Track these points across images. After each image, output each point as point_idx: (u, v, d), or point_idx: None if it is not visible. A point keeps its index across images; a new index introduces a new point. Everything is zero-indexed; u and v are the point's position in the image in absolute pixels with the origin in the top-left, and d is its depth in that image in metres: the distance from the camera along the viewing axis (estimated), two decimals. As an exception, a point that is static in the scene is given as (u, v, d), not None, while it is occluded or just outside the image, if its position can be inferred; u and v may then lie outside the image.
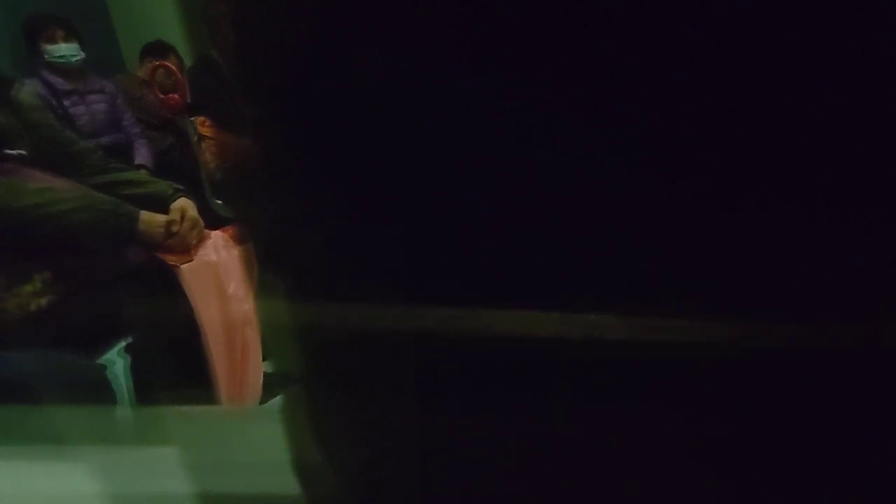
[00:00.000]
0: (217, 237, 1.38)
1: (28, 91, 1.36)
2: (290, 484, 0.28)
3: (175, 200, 1.33)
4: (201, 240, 1.35)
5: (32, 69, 2.39)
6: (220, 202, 1.95)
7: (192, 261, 1.30)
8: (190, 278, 1.28)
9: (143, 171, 2.24)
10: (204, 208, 1.39)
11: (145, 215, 1.26)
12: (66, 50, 2.38)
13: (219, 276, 1.32)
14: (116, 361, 1.39)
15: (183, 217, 1.30)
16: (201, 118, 2.19)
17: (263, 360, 1.32)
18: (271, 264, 0.27)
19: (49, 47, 2.36)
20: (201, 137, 2.31)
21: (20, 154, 1.21)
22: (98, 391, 1.08)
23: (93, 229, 1.19)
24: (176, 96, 2.71)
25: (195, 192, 1.42)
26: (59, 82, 2.41)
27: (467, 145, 0.19)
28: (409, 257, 0.21)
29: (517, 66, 0.17)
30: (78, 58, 2.42)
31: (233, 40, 0.23)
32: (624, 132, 0.17)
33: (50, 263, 1.17)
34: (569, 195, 0.18)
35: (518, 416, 0.21)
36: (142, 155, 2.55)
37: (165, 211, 1.31)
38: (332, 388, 0.25)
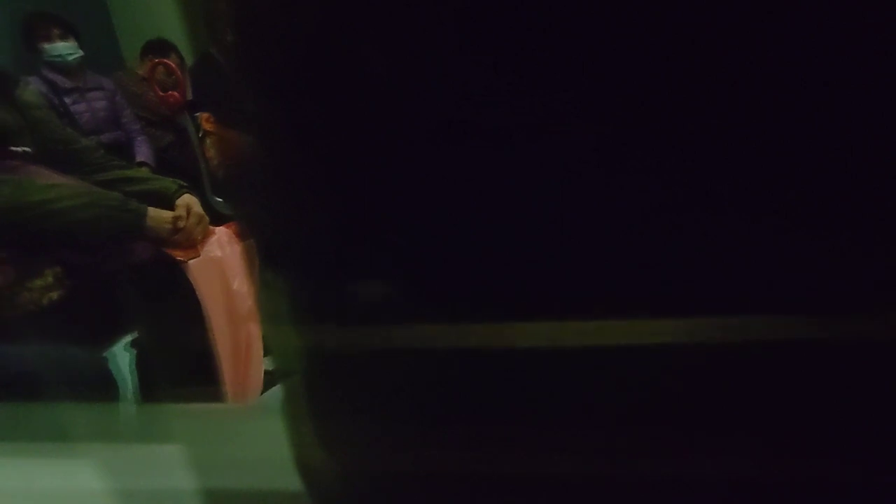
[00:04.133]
0: (221, 233, 1.39)
1: (32, 90, 1.37)
2: (292, 481, 0.28)
3: (180, 197, 1.34)
4: (206, 235, 1.36)
5: (33, 67, 2.38)
6: (220, 200, 1.96)
7: (198, 256, 1.31)
8: (197, 274, 1.29)
9: (144, 169, 2.24)
10: (205, 205, 1.39)
11: (152, 211, 1.26)
12: (62, 49, 2.35)
13: (224, 271, 1.33)
14: (122, 356, 1.40)
15: (189, 213, 1.31)
16: (206, 115, 2.19)
17: (264, 356, 1.33)
18: (271, 262, 0.27)
19: (46, 46, 2.33)
20: (205, 134, 2.32)
21: (25, 151, 1.22)
22: (101, 385, 1.09)
23: (101, 225, 1.19)
24: (175, 94, 2.72)
25: (195, 190, 1.43)
26: (60, 80, 2.40)
27: (470, 143, 0.19)
28: (410, 255, 0.21)
29: (521, 63, 0.17)
30: (75, 56, 2.39)
31: (232, 39, 0.23)
32: (631, 134, 0.17)
33: (60, 258, 1.18)
34: (574, 198, 0.18)
35: (519, 414, 0.21)
36: (142, 152, 2.55)
37: (170, 207, 1.31)
38: (333, 386, 0.26)
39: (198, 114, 2.54)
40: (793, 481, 0.19)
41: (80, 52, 2.41)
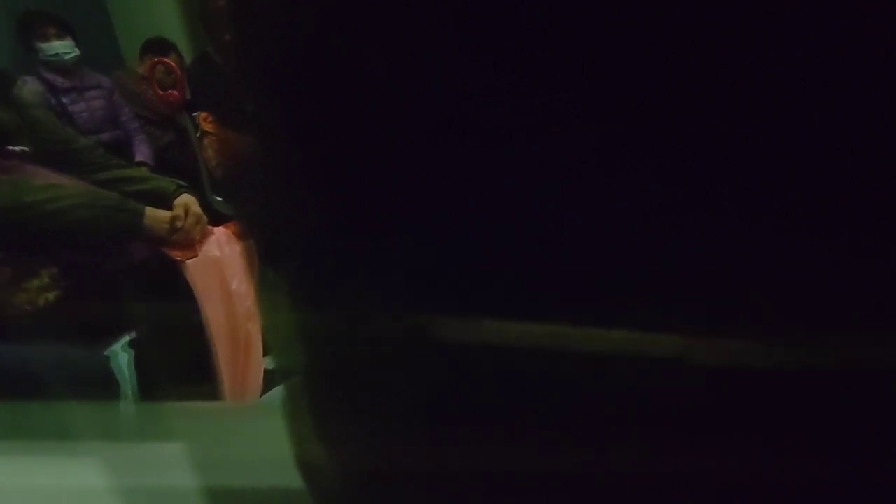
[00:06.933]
0: (220, 233, 1.39)
1: (30, 88, 1.37)
2: (293, 479, 0.28)
3: (178, 196, 1.34)
4: (205, 235, 1.35)
5: (31, 67, 2.38)
6: (219, 199, 1.96)
7: (196, 256, 1.31)
8: (195, 274, 1.29)
9: (143, 168, 2.24)
10: (204, 205, 1.39)
11: (150, 211, 1.26)
12: (59, 48, 2.35)
13: (222, 271, 1.33)
14: (121, 356, 1.40)
15: (187, 213, 1.31)
16: (204, 114, 2.19)
17: (264, 356, 1.33)
18: (271, 261, 0.27)
19: (42, 45, 2.33)
20: (203, 133, 2.32)
21: (23, 151, 1.22)
22: (102, 383, 1.09)
23: (98, 225, 1.19)
24: (175, 93, 2.72)
25: (195, 189, 1.42)
26: (58, 80, 2.39)
27: (470, 143, 0.19)
28: (410, 255, 0.21)
29: (521, 63, 0.17)
30: (72, 55, 2.38)
31: (231, 38, 0.23)
32: (632, 134, 0.17)
33: (56, 259, 1.18)
34: (575, 197, 0.18)
35: (521, 413, 0.21)
36: (142, 152, 2.55)
37: (168, 207, 1.31)
38: (334, 385, 0.26)
39: (196, 113, 2.54)
40: (793, 481, 0.19)
41: (77, 52, 2.41)
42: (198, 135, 2.52)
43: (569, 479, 0.21)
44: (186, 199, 1.34)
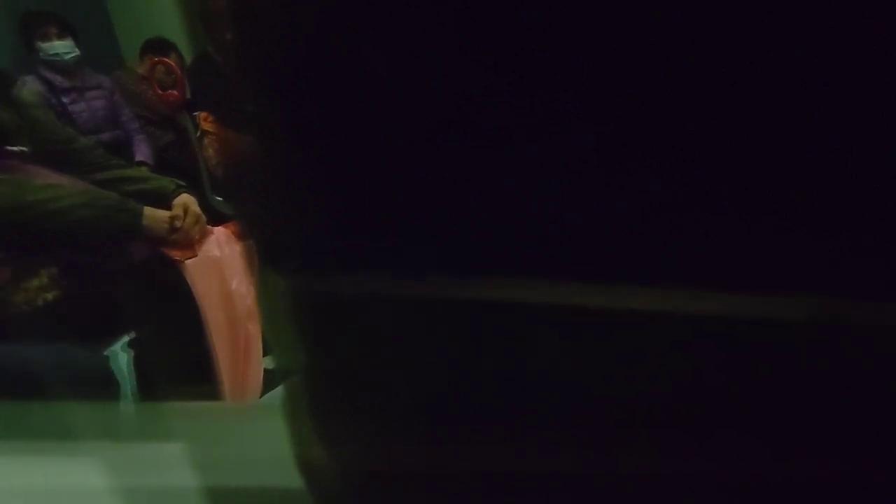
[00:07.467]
0: (220, 233, 1.39)
1: (30, 88, 1.37)
2: (293, 479, 0.28)
3: (177, 196, 1.34)
4: (204, 235, 1.35)
5: (31, 66, 2.38)
6: (219, 199, 1.96)
7: (196, 256, 1.31)
8: (194, 273, 1.29)
9: (143, 168, 2.25)
10: (204, 205, 1.39)
11: (149, 211, 1.26)
12: (60, 48, 2.35)
13: (222, 271, 1.33)
14: (121, 356, 1.40)
15: (186, 213, 1.31)
16: (204, 114, 2.19)
17: (264, 356, 1.33)
18: (271, 261, 0.27)
19: (43, 45, 2.34)
20: (203, 133, 2.32)
21: (22, 151, 1.22)
22: (102, 383, 1.09)
23: (97, 225, 1.19)
24: (175, 93, 2.72)
25: (195, 189, 1.43)
26: (58, 79, 2.40)
27: (470, 143, 0.19)
28: (411, 255, 0.21)
29: (521, 63, 0.17)
30: (72, 55, 2.39)
31: (231, 38, 0.23)
32: (632, 134, 0.17)
33: (56, 259, 1.18)
34: (576, 197, 0.18)
35: (521, 413, 0.21)
36: (142, 151, 2.55)
37: (168, 207, 1.32)
38: (334, 385, 0.26)
39: (196, 113, 2.54)
40: (793, 481, 0.19)
41: (78, 52, 2.41)
42: (198, 135, 2.53)
43: (569, 480, 0.21)
44: (185, 199, 1.34)
